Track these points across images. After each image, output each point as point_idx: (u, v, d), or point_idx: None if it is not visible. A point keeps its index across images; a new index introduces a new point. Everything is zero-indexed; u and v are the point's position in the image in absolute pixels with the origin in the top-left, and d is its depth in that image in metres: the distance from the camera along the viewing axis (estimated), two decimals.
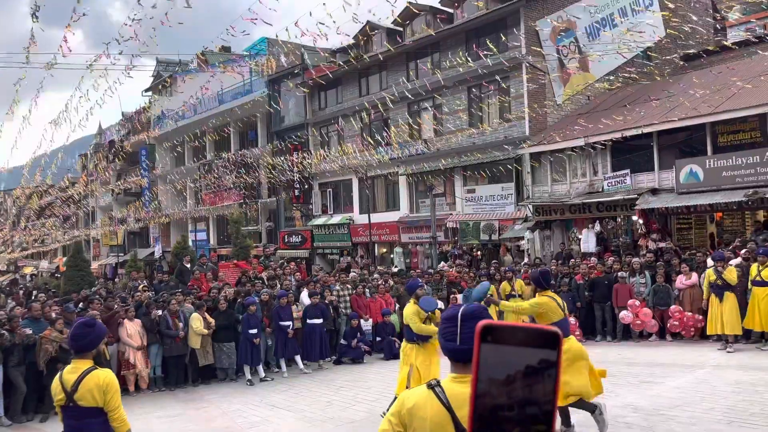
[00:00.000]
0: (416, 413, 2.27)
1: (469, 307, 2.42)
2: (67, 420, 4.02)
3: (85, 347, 4.03)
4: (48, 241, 50.82)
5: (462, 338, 2.31)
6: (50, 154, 18.80)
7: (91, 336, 4.01)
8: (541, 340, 0.88)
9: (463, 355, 2.30)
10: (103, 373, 3.97)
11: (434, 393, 2.27)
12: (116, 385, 3.99)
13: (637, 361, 10.51)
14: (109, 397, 3.89)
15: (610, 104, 20.14)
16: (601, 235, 17.80)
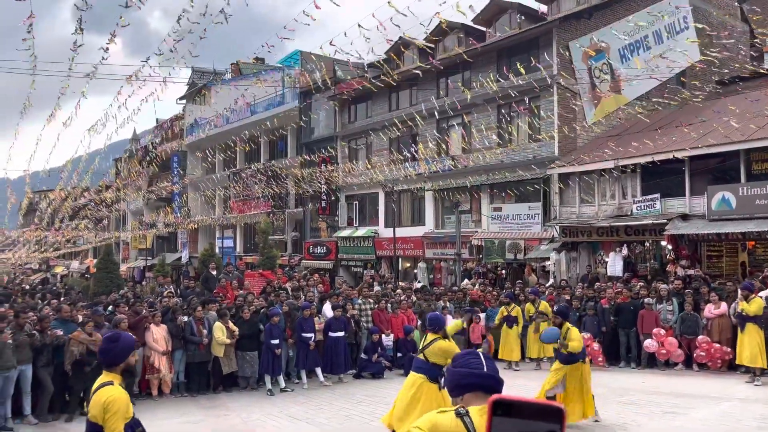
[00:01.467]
0: None
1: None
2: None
3: (110, 362, 3.94)
4: (80, 243, 51.95)
5: (490, 368, 2.45)
6: (87, 158, 19.31)
7: (115, 350, 3.91)
8: (547, 414, 0.99)
9: (488, 383, 2.42)
10: (110, 391, 3.75)
11: (463, 422, 2.28)
12: (119, 407, 3.71)
13: (661, 390, 10.34)
14: (108, 416, 3.67)
15: (641, 127, 19.96)
16: (628, 260, 17.58)
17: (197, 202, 38.88)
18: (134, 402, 10.43)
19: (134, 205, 47.34)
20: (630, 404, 9.33)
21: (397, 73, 21.86)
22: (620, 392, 10.23)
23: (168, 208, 38.95)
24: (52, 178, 20.39)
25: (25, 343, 9.27)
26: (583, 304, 13.63)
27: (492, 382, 2.41)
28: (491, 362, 2.46)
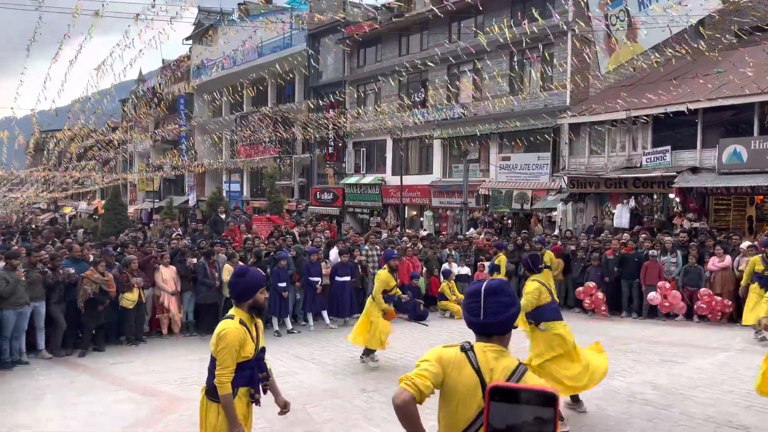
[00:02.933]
0: (450, 369, 2.42)
1: (492, 282, 2.55)
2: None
3: (237, 296, 3.86)
4: (87, 183, 52.19)
5: (485, 313, 2.45)
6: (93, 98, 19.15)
7: (240, 285, 3.83)
8: (541, 399, 1.04)
9: (488, 328, 2.46)
10: (226, 324, 3.71)
11: (467, 356, 2.42)
12: (230, 341, 3.64)
13: (661, 340, 10.51)
14: (218, 348, 3.65)
15: (655, 78, 19.59)
16: (635, 212, 17.57)
17: (204, 146, 38.78)
18: (144, 340, 10.76)
19: (141, 147, 47.28)
20: (629, 352, 9.51)
21: (409, 15, 21.35)
22: (620, 341, 10.41)
23: (175, 151, 38.91)
24: (59, 117, 20.29)
25: (38, 281, 9.45)
26: (587, 255, 13.72)
27: (485, 329, 2.47)
28: (493, 303, 2.45)
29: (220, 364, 3.63)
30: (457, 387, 2.40)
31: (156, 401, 7.24)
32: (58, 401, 7.35)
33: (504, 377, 2.34)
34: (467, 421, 2.38)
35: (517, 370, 2.40)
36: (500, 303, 2.46)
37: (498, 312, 2.45)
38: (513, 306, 2.50)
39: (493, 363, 2.40)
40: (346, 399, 7.30)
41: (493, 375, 2.35)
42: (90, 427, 6.31)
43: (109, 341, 10.53)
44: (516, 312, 2.52)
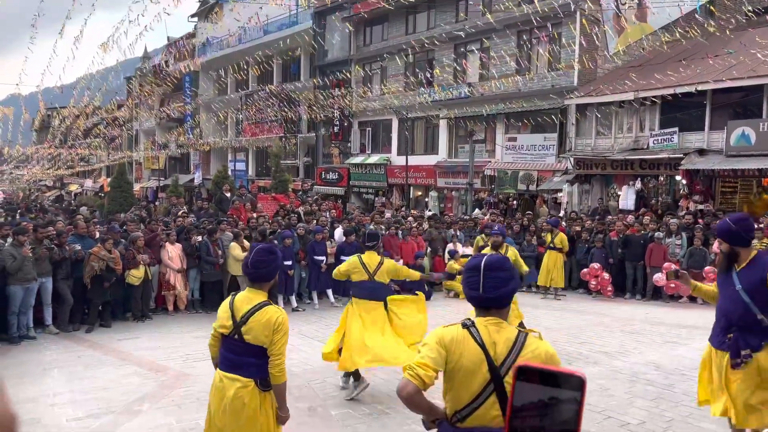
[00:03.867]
0: (453, 348, 2.47)
1: (492, 257, 2.60)
2: (225, 352, 3.62)
3: (263, 276, 3.63)
4: (93, 161, 52.28)
5: (485, 287, 2.50)
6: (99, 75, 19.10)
7: (273, 264, 3.62)
8: (569, 382, 1.05)
9: (488, 302, 2.52)
10: (277, 311, 3.53)
11: (470, 333, 2.48)
12: (287, 327, 3.53)
13: (665, 321, 10.54)
14: (277, 338, 3.47)
15: (664, 59, 19.38)
16: (641, 193, 17.51)
17: (210, 124, 38.69)
18: (150, 316, 10.83)
19: (147, 124, 47.22)
20: (632, 333, 9.55)
21: None
22: (624, 322, 10.45)
23: (180, 129, 38.84)
24: (64, 95, 20.26)
25: (45, 257, 9.52)
26: (592, 236, 13.71)
27: (485, 303, 2.53)
28: (492, 278, 2.50)
29: (280, 352, 3.49)
30: (461, 362, 2.44)
31: (162, 376, 7.32)
32: (66, 375, 7.43)
33: (507, 348, 2.41)
34: (472, 394, 2.44)
35: (518, 339, 2.46)
36: (499, 278, 2.50)
37: (497, 286, 2.49)
38: (512, 280, 2.54)
39: (495, 336, 2.46)
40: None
41: (497, 347, 2.42)
42: (97, 401, 6.39)
43: (116, 317, 10.62)
44: (515, 287, 2.56)
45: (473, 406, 2.42)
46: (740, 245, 4.27)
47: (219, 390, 3.58)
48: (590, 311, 11.68)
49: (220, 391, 3.57)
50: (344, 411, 6.11)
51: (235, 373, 3.54)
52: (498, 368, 2.40)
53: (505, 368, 2.39)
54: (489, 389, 2.41)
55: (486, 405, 2.41)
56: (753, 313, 4.14)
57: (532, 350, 2.42)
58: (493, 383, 2.40)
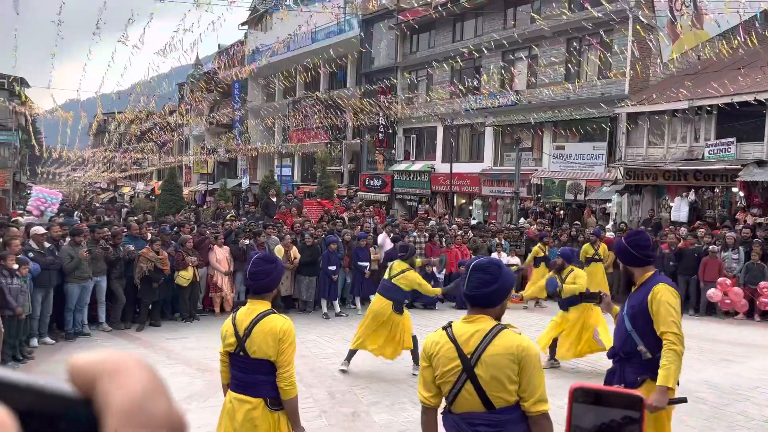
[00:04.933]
0: (431, 349, 2.76)
1: (482, 260, 2.82)
2: (234, 371, 3.42)
3: (264, 287, 3.44)
4: (145, 165, 53.86)
5: (468, 285, 2.71)
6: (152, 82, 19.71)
7: (273, 274, 3.42)
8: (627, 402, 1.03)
9: (470, 299, 2.74)
10: (281, 320, 3.33)
11: (445, 332, 2.75)
12: (294, 336, 3.33)
13: (720, 338, 10.17)
14: (283, 347, 3.25)
15: (721, 67, 18.77)
16: (694, 205, 16.96)
17: (257, 130, 39.38)
18: (198, 317, 11.06)
19: (197, 130, 48.40)
20: (686, 350, 9.23)
21: (465, 1, 21.06)
22: None
23: (229, 134, 39.68)
24: (121, 101, 20.98)
25: (101, 256, 9.84)
26: None
27: (468, 299, 2.76)
28: (475, 278, 2.69)
29: (288, 362, 3.28)
30: (439, 359, 2.71)
31: (209, 376, 7.45)
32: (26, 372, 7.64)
33: (478, 340, 2.63)
34: (451, 384, 2.67)
35: (490, 332, 2.65)
36: (481, 279, 2.68)
37: (478, 286, 2.67)
38: (494, 284, 2.67)
39: (468, 330, 2.69)
40: (393, 383, 7.34)
41: (469, 341, 2.65)
42: None
43: (165, 317, 10.89)
44: (496, 290, 2.69)
45: (454, 392, 2.66)
46: (632, 264, 3.83)
47: (229, 413, 3.37)
48: None
49: (229, 415, 3.36)
50: (387, 417, 6.09)
51: (244, 393, 3.33)
52: (468, 359, 2.62)
53: (475, 358, 2.61)
54: (463, 378, 2.64)
55: (464, 393, 2.64)
56: (634, 342, 3.70)
57: (503, 342, 2.61)
58: (465, 372, 2.62)
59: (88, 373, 0.37)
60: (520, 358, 2.55)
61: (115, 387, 0.36)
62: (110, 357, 0.38)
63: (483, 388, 2.59)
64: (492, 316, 2.72)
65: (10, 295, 7.74)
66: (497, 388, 2.57)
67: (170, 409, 0.36)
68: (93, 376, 0.37)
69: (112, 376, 0.37)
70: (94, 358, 0.38)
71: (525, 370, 2.55)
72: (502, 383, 2.56)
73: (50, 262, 8.91)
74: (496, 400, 2.58)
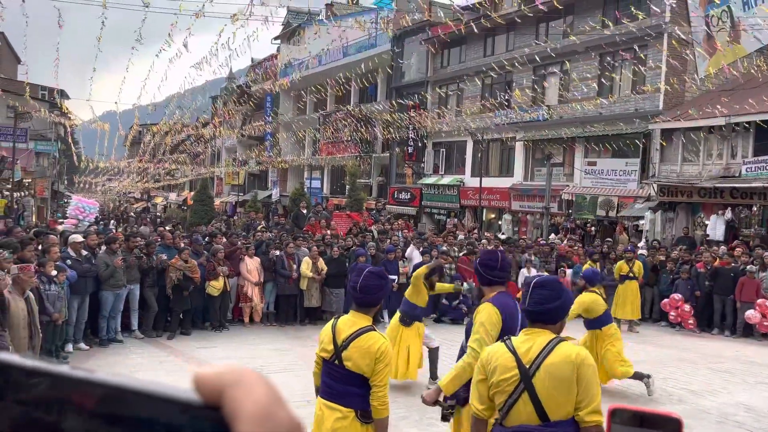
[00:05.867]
0: (488, 360, 2.80)
1: (544, 277, 2.94)
2: (326, 378, 3.43)
3: (371, 302, 3.44)
4: (177, 175, 54.84)
5: (529, 302, 2.78)
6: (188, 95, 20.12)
7: (384, 290, 3.45)
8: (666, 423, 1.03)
9: (531, 315, 2.81)
10: (380, 339, 3.31)
11: (504, 344, 2.82)
12: (390, 357, 3.34)
13: (757, 360, 9.89)
14: (380, 367, 3.24)
15: (760, 82, 18.40)
16: (731, 224, 16.58)
17: (288, 142, 39.83)
18: (227, 327, 11.18)
19: (229, 142, 49.15)
20: (721, 371, 9.00)
21: (496, 16, 21.08)
22: (712, 359, 9.87)
23: (260, 147, 40.20)
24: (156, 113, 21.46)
25: (134, 265, 10.03)
26: (677, 267, 13.09)
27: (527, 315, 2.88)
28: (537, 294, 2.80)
29: (383, 383, 3.27)
30: (495, 369, 2.75)
31: None
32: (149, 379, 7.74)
33: (536, 352, 2.69)
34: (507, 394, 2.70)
35: (549, 344, 2.70)
36: (543, 295, 2.76)
37: (540, 302, 2.75)
38: (556, 300, 2.76)
39: (528, 343, 2.75)
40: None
41: (529, 352, 2.70)
42: None
43: (195, 326, 11.03)
44: (559, 306, 2.77)
45: (509, 403, 2.68)
46: (481, 282, 3.98)
47: (318, 419, 3.40)
48: (672, 345, 11.11)
49: (318, 421, 3.39)
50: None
51: (335, 402, 3.33)
52: (527, 369, 2.66)
53: (534, 368, 2.65)
54: (520, 388, 2.67)
55: (519, 404, 2.66)
56: None
57: (562, 352, 2.66)
58: (523, 382, 2.66)
59: (215, 384, 0.40)
60: (578, 366, 2.62)
61: (244, 395, 0.39)
62: (235, 369, 0.41)
63: (540, 398, 2.63)
64: (552, 332, 2.79)
65: (48, 302, 7.93)
66: (554, 398, 2.63)
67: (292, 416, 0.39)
68: (220, 386, 0.39)
69: (239, 386, 0.39)
70: (220, 370, 0.41)
71: (583, 378, 2.61)
72: (560, 393, 2.62)
73: (87, 269, 9.11)
74: (551, 412, 2.62)
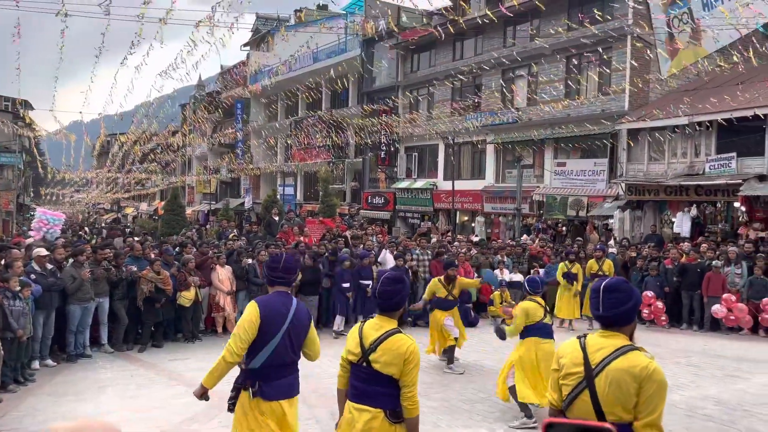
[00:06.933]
0: (562, 353, 2.94)
1: (612, 280, 2.93)
2: (354, 380, 3.51)
3: (392, 306, 3.54)
4: (148, 185, 54.11)
5: (604, 306, 2.85)
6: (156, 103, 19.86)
7: (402, 294, 3.56)
8: None
9: (605, 320, 2.87)
10: (408, 340, 3.40)
11: (578, 341, 2.92)
12: (419, 358, 3.41)
13: (724, 354, 10.10)
14: (409, 368, 3.34)
15: (720, 82, 18.87)
16: (697, 220, 16.94)
17: (260, 149, 39.59)
18: (200, 337, 11.02)
19: (199, 150, 48.68)
20: (690, 366, 9.17)
21: (464, 20, 21.27)
22: (680, 353, 10.06)
23: (231, 154, 39.89)
24: (124, 122, 21.14)
25: (103, 277, 9.84)
26: (646, 264, 13.32)
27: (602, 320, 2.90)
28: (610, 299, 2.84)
29: (413, 383, 3.36)
30: (565, 363, 2.87)
31: (212, 398, 7.40)
32: (119, 394, 7.61)
33: (604, 354, 2.75)
34: (570, 388, 2.82)
35: (620, 348, 2.76)
36: (616, 299, 2.81)
37: (614, 306, 2.80)
38: (629, 301, 2.82)
39: (600, 344, 2.81)
40: None
41: (598, 353, 2.78)
42: (149, 420, 6.52)
43: (167, 338, 10.86)
44: (632, 307, 2.84)
45: (571, 397, 2.80)
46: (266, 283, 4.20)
47: (348, 422, 3.45)
48: (641, 341, 11.22)
49: (349, 424, 3.44)
50: None
51: (364, 403, 3.40)
52: (591, 369, 2.75)
53: (598, 369, 2.73)
54: (582, 385, 2.76)
55: (580, 400, 2.76)
56: None
57: (629, 360, 2.70)
58: (586, 380, 2.75)
59: None
60: (641, 379, 2.65)
61: None
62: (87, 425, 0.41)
63: (598, 399, 2.71)
64: (626, 333, 2.86)
65: (12, 318, 7.74)
66: (611, 402, 2.69)
67: None
68: None
69: None
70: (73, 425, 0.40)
71: (645, 391, 2.65)
72: (616, 399, 2.68)
73: (52, 283, 8.91)
74: (608, 414, 2.68)
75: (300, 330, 3.92)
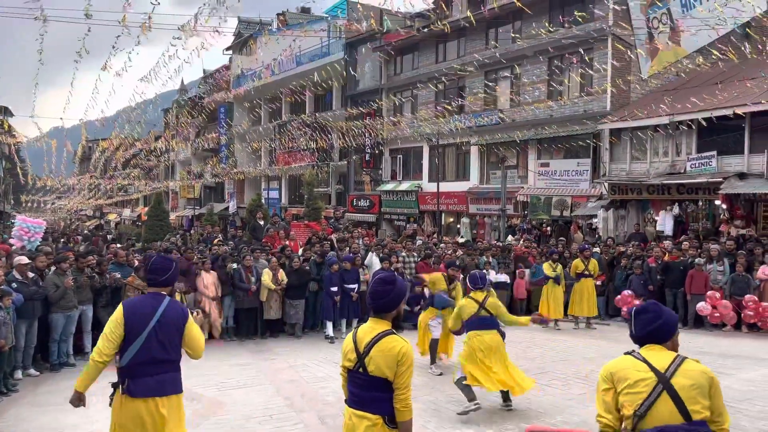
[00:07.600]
0: (614, 371, 3.05)
1: (641, 305, 3.19)
2: (351, 387, 3.45)
3: (383, 307, 3.46)
4: (131, 191, 53.62)
5: (637, 328, 3.13)
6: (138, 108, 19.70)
7: (392, 294, 3.45)
8: None
9: (640, 340, 3.13)
10: (401, 342, 3.33)
11: (632, 355, 3.08)
12: (412, 359, 3.33)
13: (709, 350, 10.19)
14: (401, 370, 3.27)
15: (700, 82, 19.11)
16: (679, 219, 17.13)
17: (243, 154, 39.41)
18: None
19: (183, 155, 48.32)
20: None
21: (447, 22, 21.35)
22: None
23: (215, 159, 39.66)
24: (106, 127, 20.94)
25: (86, 285, 9.73)
26: (630, 262, 13.43)
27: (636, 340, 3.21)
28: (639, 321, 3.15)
29: (405, 385, 3.30)
30: (625, 377, 2.98)
31: (197, 404, 7.35)
32: (104, 402, 7.49)
33: (667, 362, 2.95)
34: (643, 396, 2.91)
35: (676, 359, 2.96)
36: (646, 320, 3.08)
37: (645, 326, 3.09)
38: (659, 320, 3.07)
39: (654, 356, 3.01)
40: None
41: (653, 360, 2.97)
42: None
43: None
44: (662, 324, 3.08)
45: (647, 404, 2.86)
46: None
47: (348, 429, 3.42)
48: (625, 340, 11.31)
49: (350, 430, 3.41)
50: None
51: (362, 410, 3.35)
52: (663, 372, 2.90)
53: (672, 370, 2.90)
54: (658, 389, 2.87)
55: (659, 405, 2.85)
56: None
57: (693, 365, 2.92)
58: (662, 384, 2.87)
59: None
60: (711, 379, 2.91)
61: None
62: None
63: (681, 397, 2.83)
64: (670, 348, 3.09)
65: None
66: (694, 399, 2.84)
67: None
68: None
69: None
70: None
71: (715, 394, 2.90)
72: (698, 395, 2.83)
73: (34, 292, 8.78)
74: (694, 412, 2.80)
75: (170, 329, 4.05)
